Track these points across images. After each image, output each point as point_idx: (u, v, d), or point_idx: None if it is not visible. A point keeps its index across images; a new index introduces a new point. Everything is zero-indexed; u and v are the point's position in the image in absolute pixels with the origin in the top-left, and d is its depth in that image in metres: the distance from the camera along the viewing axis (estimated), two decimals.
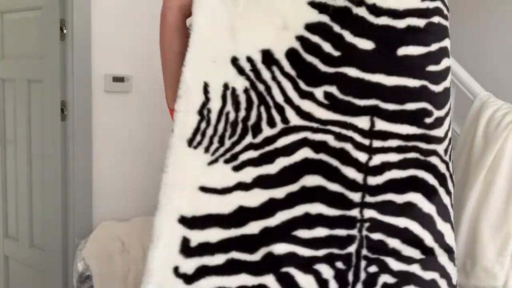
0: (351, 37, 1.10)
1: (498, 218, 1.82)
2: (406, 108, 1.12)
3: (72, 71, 2.18)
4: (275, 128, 1.10)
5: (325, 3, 1.10)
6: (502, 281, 1.83)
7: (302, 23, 1.12)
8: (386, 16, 1.14)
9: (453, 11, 3.26)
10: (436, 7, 1.28)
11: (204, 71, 1.15)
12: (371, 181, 1.09)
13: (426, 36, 1.25)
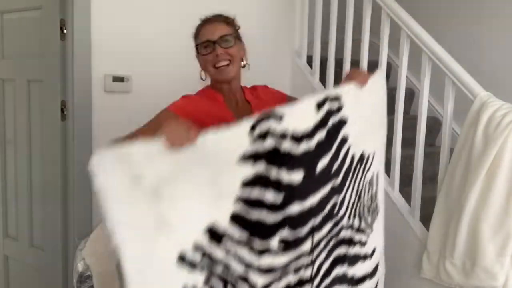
0: (287, 175, 1.22)
1: (498, 218, 1.82)
2: (326, 210, 1.33)
3: (72, 71, 2.18)
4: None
5: (256, 151, 1.19)
6: (502, 281, 1.83)
7: (238, 183, 1.16)
8: (304, 141, 1.29)
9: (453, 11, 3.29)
10: (328, 109, 1.42)
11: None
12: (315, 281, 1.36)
13: (329, 143, 1.40)
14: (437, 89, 2.53)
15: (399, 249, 2.23)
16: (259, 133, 1.20)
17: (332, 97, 1.37)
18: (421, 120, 2.17)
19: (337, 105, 1.38)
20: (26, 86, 2.40)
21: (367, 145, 1.53)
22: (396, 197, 2.27)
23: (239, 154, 1.17)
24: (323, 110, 1.34)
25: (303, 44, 2.84)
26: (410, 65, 2.32)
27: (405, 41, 2.23)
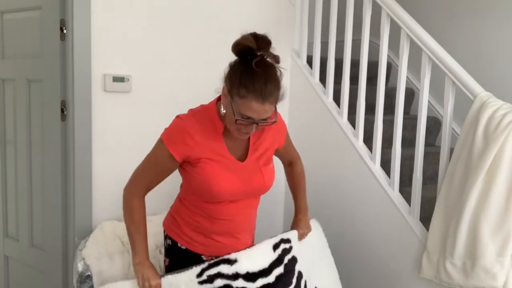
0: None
1: (498, 218, 1.82)
2: None
3: (72, 71, 2.18)
4: None
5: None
6: (502, 281, 1.83)
7: None
8: (261, 277, 1.53)
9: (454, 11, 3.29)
10: (283, 249, 1.68)
11: None
12: None
13: (288, 277, 1.65)
14: (437, 89, 2.54)
15: (399, 249, 2.23)
16: (207, 277, 1.50)
17: (285, 238, 1.69)
18: (421, 120, 2.17)
19: (288, 245, 1.68)
20: (26, 86, 2.40)
21: (318, 281, 1.83)
22: (396, 197, 2.27)
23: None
24: (279, 250, 1.63)
25: (303, 44, 2.84)
26: (410, 65, 2.33)
27: (405, 41, 2.23)
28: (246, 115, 1.40)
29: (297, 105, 2.83)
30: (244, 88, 1.38)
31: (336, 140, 2.56)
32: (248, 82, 1.38)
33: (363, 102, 2.46)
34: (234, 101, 1.41)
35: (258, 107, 1.38)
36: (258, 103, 1.38)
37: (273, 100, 1.41)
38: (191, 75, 2.52)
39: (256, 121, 1.41)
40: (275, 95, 1.42)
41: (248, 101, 1.38)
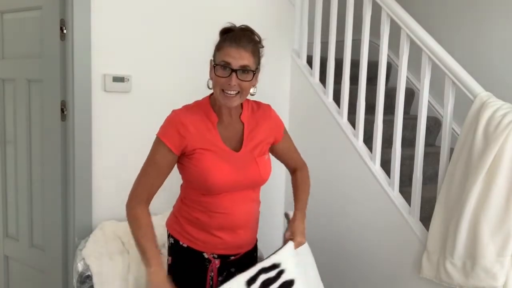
0: None
1: (498, 218, 1.82)
2: None
3: (72, 71, 2.18)
4: None
5: None
6: (502, 281, 1.82)
7: None
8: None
9: (454, 11, 3.28)
10: (264, 281, 1.57)
11: None
12: None
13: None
14: (437, 89, 2.54)
15: (399, 249, 2.23)
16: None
17: (268, 266, 1.53)
18: (421, 120, 2.17)
19: (276, 272, 1.54)
20: (26, 86, 2.40)
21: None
22: (396, 197, 2.27)
23: None
24: (255, 285, 1.49)
25: (303, 44, 2.84)
26: (410, 65, 2.32)
27: (405, 41, 2.23)
28: (223, 60, 1.49)
29: (297, 105, 2.83)
30: (221, 42, 1.53)
31: (336, 140, 2.56)
32: (225, 36, 1.54)
33: (363, 102, 2.46)
34: (215, 57, 1.54)
35: (233, 51, 1.48)
36: (233, 47, 1.48)
37: (249, 49, 1.50)
38: (191, 75, 2.52)
39: (233, 68, 1.48)
40: (250, 46, 1.51)
41: (225, 48, 1.50)
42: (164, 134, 1.54)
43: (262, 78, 1.84)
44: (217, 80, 1.51)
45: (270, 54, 2.89)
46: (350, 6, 2.53)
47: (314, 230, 2.64)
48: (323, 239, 2.62)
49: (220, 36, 1.57)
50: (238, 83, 1.49)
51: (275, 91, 2.82)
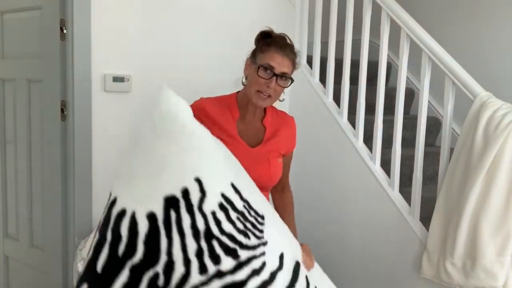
0: None
1: (498, 218, 1.82)
2: None
3: (72, 71, 2.18)
4: None
5: None
6: (502, 281, 1.83)
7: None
8: None
9: (454, 11, 3.28)
10: None
11: None
12: None
13: None
14: (437, 89, 2.54)
15: (399, 249, 2.23)
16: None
17: None
18: (421, 120, 2.17)
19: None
20: (26, 86, 2.40)
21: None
22: (396, 197, 2.27)
23: None
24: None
25: (303, 44, 2.84)
26: (410, 65, 2.33)
27: (405, 41, 2.23)
28: (268, 63, 1.57)
29: (297, 105, 2.83)
30: (266, 45, 1.61)
31: (336, 140, 2.56)
32: (270, 41, 1.63)
33: (363, 102, 2.46)
34: (257, 57, 1.61)
35: (279, 57, 1.58)
36: (279, 54, 1.58)
37: (291, 58, 1.62)
38: (191, 75, 2.52)
39: (276, 73, 1.57)
40: (293, 56, 1.63)
41: (270, 52, 1.59)
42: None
43: None
44: (257, 80, 1.59)
45: None
46: (350, 6, 2.53)
47: (314, 230, 2.64)
48: (323, 239, 2.62)
49: (259, 38, 1.67)
50: (275, 87, 1.59)
51: None
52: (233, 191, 1.23)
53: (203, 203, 1.17)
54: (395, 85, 2.35)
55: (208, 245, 1.15)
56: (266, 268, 1.22)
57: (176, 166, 1.17)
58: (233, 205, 1.22)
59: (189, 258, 1.14)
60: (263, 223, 1.28)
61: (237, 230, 1.20)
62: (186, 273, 1.13)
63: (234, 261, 1.17)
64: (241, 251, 1.18)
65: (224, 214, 1.19)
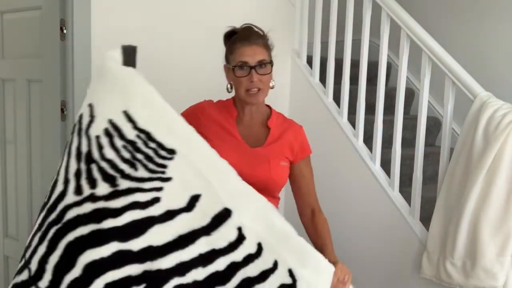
0: None
1: (498, 218, 1.83)
2: None
3: (72, 71, 2.18)
4: None
5: None
6: (502, 281, 1.83)
7: None
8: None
9: (454, 11, 3.28)
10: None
11: None
12: None
13: None
14: (437, 89, 2.54)
15: (399, 249, 2.23)
16: None
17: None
18: (421, 120, 2.17)
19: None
20: (26, 86, 2.40)
21: None
22: (396, 197, 2.27)
23: None
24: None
25: (303, 44, 2.84)
26: (410, 65, 2.33)
27: (405, 41, 2.23)
28: (240, 60, 1.53)
29: (297, 105, 2.83)
30: (232, 44, 1.57)
31: (336, 140, 2.56)
32: (234, 38, 1.58)
33: (363, 102, 2.46)
34: (230, 60, 1.58)
35: (247, 49, 1.53)
36: (246, 46, 1.54)
37: (260, 43, 1.57)
38: (190, 76, 2.52)
39: (251, 65, 1.52)
40: (260, 40, 1.58)
41: (238, 48, 1.55)
42: (184, 114, 1.58)
43: None
44: (239, 81, 1.55)
45: None
46: (350, 6, 2.53)
47: None
48: None
49: (225, 40, 1.63)
50: (259, 78, 1.54)
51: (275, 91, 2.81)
52: (125, 120, 1.22)
53: (90, 127, 1.22)
54: (395, 85, 2.35)
55: (87, 168, 1.18)
56: (159, 205, 1.17)
57: (88, 96, 1.33)
58: (121, 133, 1.21)
59: (68, 177, 1.20)
60: (169, 158, 1.21)
61: (121, 158, 1.19)
62: (63, 192, 1.19)
63: (111, 188, 1.16)
64: (121, 180, 1.17)
65: (108, 140, 1.20)
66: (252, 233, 1.23)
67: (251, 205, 1.27)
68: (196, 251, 1.17)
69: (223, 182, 1.26)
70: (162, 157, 1.21)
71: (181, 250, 1.16)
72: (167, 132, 1.24)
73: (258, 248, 1.23)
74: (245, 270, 1.20)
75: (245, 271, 1.20)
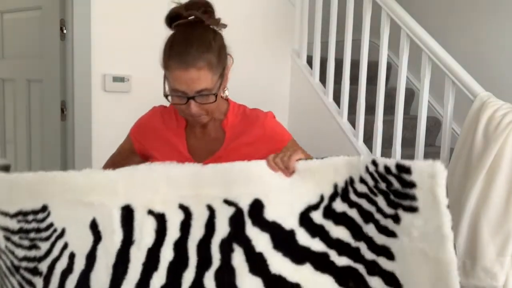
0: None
1: (498, 218, 1.82)
2: None
3: (72, 71, 2.18)
4: None
5: None
6: (502, 281, 1.82)
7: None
8: None
9: (454, 11, 3.28)
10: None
11: None
12: None
13: None
14: (437, 89, 2.54)
15: None
16: None
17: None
18: (421, 120, 2.17)
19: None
20: (26, 86, 2.40)
21: None
22: None
23: None
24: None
25: (303, 44, 2.84)
26: (410, 65, 2.32)
27: (405, 41, 2.23)
28: (175, 88, 1.20)
29: (297, 105, 2.83)
30: (166, 56, 1.24)
31: (336, 140, 2.56)
32: (167, 48, 1.25)
33: (363, 102, 2.46)
34: (166, 76, 1.26)
35: (182, 75, 1.18)
36: (181, 70, 1.18)
37: (202, 65, 1.18)
38: None
39: (189, 95, 1.19)
40: (204, 58, 1.18)
41: (172, 70, 1.21)
42: (133, 128, 1.45)
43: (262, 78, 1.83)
44: (178, 108, 1.27)
45: (270, 54, 2.91)
46: (350, 6, 2.53)
47: None
48: None
49: (168, 26, 1.33)
50: (200, 107, 1.22)
51: (275, 91, 2.82)
52: (3, 217, 1.18)
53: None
54: (395, 85, 2.35)
55: (17, 277, 1.17)
56: (70, 247, 1.15)
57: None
58: (9, 230, 1.18)
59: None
60: (46, 217, 1.16)
61: (27, 248, 1.17)
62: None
63: (35, 277, 1.16)
64: (40, 264, 1.16)
65: (8, 244, 1.18)
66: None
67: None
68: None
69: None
70: (42, 221, 1.18)
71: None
72: (29, 194, 1.20)
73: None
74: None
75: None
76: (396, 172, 1.07)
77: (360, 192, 1.12)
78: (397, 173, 1.07)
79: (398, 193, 1.07)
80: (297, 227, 1.11)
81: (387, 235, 1.08)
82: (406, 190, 1.07)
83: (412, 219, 1.07)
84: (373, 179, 1.10)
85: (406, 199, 1.07)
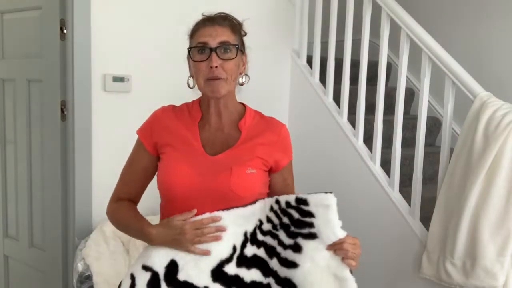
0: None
1: (498, 218, 1.82)
2: None
3: (72, 71, 2.18)
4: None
5: None
6: (502, 281, 1.83)
7: None
8: None
9: (454, 11, 3.28)
10: None
11: None
12: None
13: None
14: (437, 89, 2.54)
15: (399, 249, 2.23)
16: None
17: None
18: (421, 120, 2.17)
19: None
20: (26, 86, 2.40)
21: None
22: (396, 197, 2.27)
23: None
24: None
25: (303, 44, 2.84)
26: (410, 65, 2.33)
27: (405, 41, 2.23)
28: (198, 41, 1.32)
29: (297, 105, 2.83)
30: (193, 27, 1.39)
31: (336, 140, 2.56)
32: (197, 22, 1.40)
33: (363, 102, 2.46)
34: (190, 44, 1.39)
35: (208, 29, 1.32)
36: (207, 27, 1.33)
37: (226, 25, 1.34)
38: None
39: (211, 46, 1.28)
40: (228, 19, 1.38)
41: (198, 30, 1.35)
42: (141, 129, 1.45)
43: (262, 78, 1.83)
44: (198, 67, 1.31)
45: (270, 54, 2.91)
46: (350, 6, 2.53)
47: None
48: None
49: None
50: (221, 64, 1.27)
51: (275, 91, 2.82)
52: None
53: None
54: (395, 85, 2.35)
55: None
56: None
57: None
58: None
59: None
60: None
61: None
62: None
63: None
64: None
65: None
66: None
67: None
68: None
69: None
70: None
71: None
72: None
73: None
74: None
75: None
76: (295, 204, 1.24)
77: (266, 231, 1.26)
78: (296, 205, 1.23)
79: (298, 222, 1.23)
80: (211, 283, 1.21)
81: (288, 266, 1.22)
82: (305, 219, 1.22)
83: (313, 245, 1.22)
84: (277, 216, 1.26)
85: (305, 227, 1.22)
